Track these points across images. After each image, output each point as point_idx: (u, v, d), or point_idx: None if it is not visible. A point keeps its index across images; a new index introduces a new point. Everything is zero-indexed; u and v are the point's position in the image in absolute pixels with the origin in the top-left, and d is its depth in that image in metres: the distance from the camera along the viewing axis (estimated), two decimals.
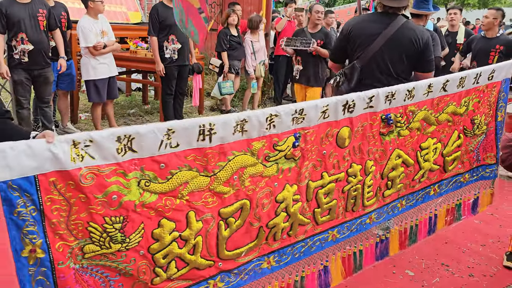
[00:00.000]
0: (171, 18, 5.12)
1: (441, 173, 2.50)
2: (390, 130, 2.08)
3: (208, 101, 7.28)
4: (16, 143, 1.22)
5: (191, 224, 1.54)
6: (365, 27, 2.78)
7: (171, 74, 5.29)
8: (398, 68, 2.75)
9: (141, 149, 1.39)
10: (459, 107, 2.40)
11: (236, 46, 6.48)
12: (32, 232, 1.26)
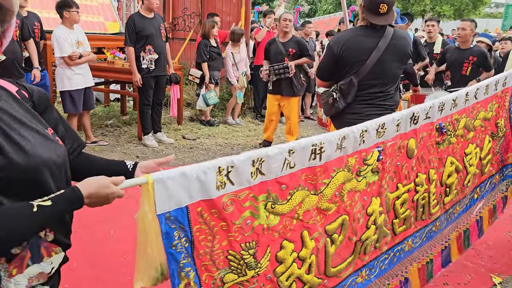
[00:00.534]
0: (148, 28, 5.11)
1: (480, 177, 2.60)
2: (444, 139, 2.18)
3: (188, 111, 7.24)
4: (172, 172, 1.17)
5: (306, 243, 1.53)
6: (358, 42, 2.78)
7: (148, 85, 5.25)
8: (395, 76, 2.85)
9: (269, 171, 1.38)
10: (487, 113, 2.56)
11: (216, 56, 6.48)
12: (187, 265, 1.21)
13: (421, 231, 2.13)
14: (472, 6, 25.97)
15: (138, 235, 1.17)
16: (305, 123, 7.64)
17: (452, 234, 2.44)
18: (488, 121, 2.56)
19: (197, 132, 6.35)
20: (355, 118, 2.79)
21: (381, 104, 2.84)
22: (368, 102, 2.83)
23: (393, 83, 2.87)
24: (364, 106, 2.84)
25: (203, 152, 5.44)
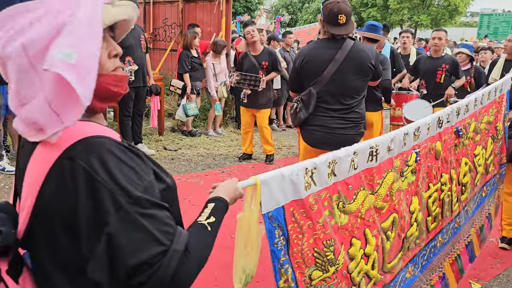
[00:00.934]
0: (128, 40, 5.08)
1: (485, 176, 2.78)
2: (460, 141, 2.35)
3: (169, 122, 7.20)
4: (273, 174, 1.27)
5: (369, 240, 1.63)
6: (317, 54, 2.87)
7: (128, 96, 5.21)
8: (356, 87, 2.88)
9: (339, 172, 1.50)
10: (489, 117, 2.76)
11: (197, 67, 6.48)
12: (285, 262, 1.29)
13: (446, 227, 2.28)
14: (449, 16, 26.63)
15: (238, 235, 1.22)
16: (286, 132, 7.68)
17: (471, 230, 2.61)
18: (490, 125, 2.77)
19: (179, 142, 6.31)
20: (319, 130, 2.91)
21: (344, 117, 2.90)
22: (331, 114, 2.89)
23: (356, 96, 2.89)
24: (328, 118, 2.90)
25: (184, 163, 5.41)
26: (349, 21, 2.82)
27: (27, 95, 0.81)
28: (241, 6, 24.43)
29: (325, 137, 2.91)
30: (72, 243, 0.85)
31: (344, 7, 2.77)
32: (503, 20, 24.56)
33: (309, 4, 28.76)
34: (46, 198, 0.85)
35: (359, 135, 2.98)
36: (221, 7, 7.38)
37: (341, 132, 2.89)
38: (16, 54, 0.79)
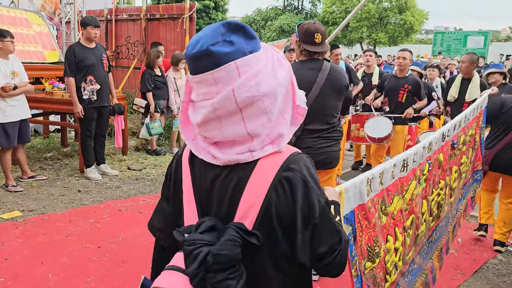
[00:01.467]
0: (90, 58, 5.00)
1: (465, 179, 3.16)
2: (454, 152, 2.72)
3: (133, 141, 7.08)
4: (350, 183, 1.58)
5: (398, 237, 1.94)
6: (300, 75, 2.90)
7: (90, 116, 5.09)
8: (336, 106, 3.00)
9: (385, 181, 1.82)
10: (472, 130, 3.13)
11: (161, 85, 6.44)
12: (354, 255, 1.59)
13: (439, 225, 2.65)
14: (405, 34, 27.78)
15: None
16: None
17: (449, 227, 2.96)
18: (472, 137, 3.16)
19: (143, 162, 6.21)
20: (307, 152, 2.90)
21: (327, 136, 2.98)
22: (316, 135, 2.96)
23: (335, 115, 3.01)
24: (313, 139, 2.96)
25: (149, 183, 5.31)
26: (324, 41, 2.93)
27: (275, 120, 1.08)
28: (205, 23, 24.55)
29: (314, 158, 2.96)
30: (287, 236, 1.08)
31: (319, 27, 2.89)
32: (455, 37, 25.89)
33: (272, 22, 29.26)
34: (270, 202, 1.05)
35: (338, 151, 3.09)
36: (184, 25, 7.40)
37: (324, 150, 2.98)
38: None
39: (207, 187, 1.12)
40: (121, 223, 4.06)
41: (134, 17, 8.28)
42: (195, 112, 1.09)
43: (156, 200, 4.63)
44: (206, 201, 1.13)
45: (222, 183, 1.10)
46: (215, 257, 0.98)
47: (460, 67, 5.13)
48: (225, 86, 1.01)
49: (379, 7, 27.19)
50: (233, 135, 1.05)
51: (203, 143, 1.11)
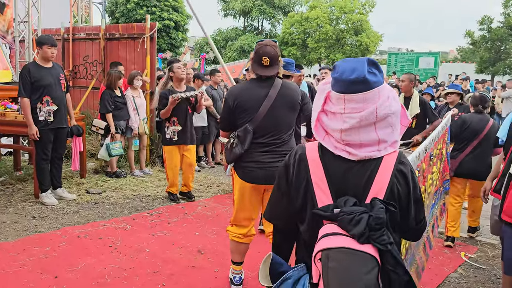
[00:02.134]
0: (46, 78, 4.82)
1: (435, 187, 3.49)
2: (430, 163, 3.07)
3: (92, 163, 6.83)
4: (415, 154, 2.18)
5: None
6: (250, 93, 3.00)
7: (46, 138, 4.88)
8: (286, 123, 3.03)
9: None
10: (440, 144, 3.49)
11: (121, 106, 6.30)
12: None
13: None
14: (361, 54, 28.76)
15: None
16: (215, 169, 7.64)
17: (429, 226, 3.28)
18: (440, 150, 3.55)
19: (103, 185, 5.99)
20: (255, 166, 3.01)
21: (277, 151, 3.01)
22: (265, 149, 3.00)
23: (287, 131, 3.07)
24: (262, 153, 3.00)
25: (109, 207, 5.12)
26: (274, 64, 2.96)
27: (392, 128, 1.50)
28: (165, 43, 24.45)
29: (259, 172, 3.01)
30: (400, 208, 1.47)
31: (269, 51, 2.93)
32: (408, 58, 27.07)
33: (232, 42, 29.53)
34: (392, 184, 1.45)
35: None
36: (145, 45, 7.31)
37: (273, 165, 2.98)
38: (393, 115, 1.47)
39: (341, 176, 1.48)
40: (80, 250, 3.87)
41: (92, 36, 8.11)
42: (338, 120, 1.46)
43: (117, 224, 4.49)
44: (339, 185, 1.47)
45: (357, 172, 1.47)
46: (375, 219, 1.33)
47: (400, 86, 5.38)
48: (370, 104, 1.42)
49: (336, 28, 28.08)
50: (366, 139, 1.45)
51: (337, 143, 1.48)
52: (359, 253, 1.31)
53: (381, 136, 1.46)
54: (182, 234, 4.39)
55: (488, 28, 28.37)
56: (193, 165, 5.52)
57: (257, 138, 2.98)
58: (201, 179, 6.70)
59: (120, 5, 25.06)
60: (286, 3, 30.22)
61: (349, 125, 1.43)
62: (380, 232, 1.33)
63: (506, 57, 27.92)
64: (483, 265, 3.98)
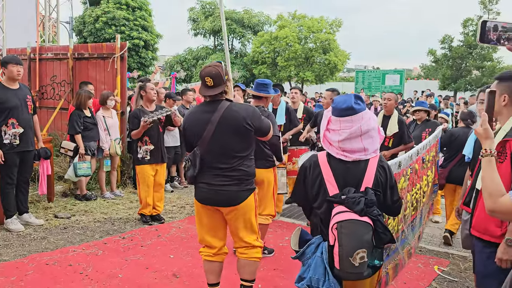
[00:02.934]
0: (12, 100, 4.67)
1: (430, 189, 4.08)
2: (423, 165, 3.60)
3: (60, 186, 6.61)
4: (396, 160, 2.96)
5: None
6: (196, 117, 3.05)
7: (12, 162, 4.69)
8: (232, 148, 2.98)
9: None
10: (433, 152, 4.02)
11: (91, 126, 6.16)
12: None
13: (417, 217, 3.56)
14: (329, 72, 29.38)
15: None
16: (189, 189, 7.52)
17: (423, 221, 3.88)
18: (433, 157, 4.05)
19: (72, 208, 5.79)
20: (206, 187, 3.03)
21: (227, 175, 2.98)
22: (216, 173, 2.99)
23: (236, 155, 2.97)
24: (213, 176, 3.00)
25: (79, 232, 4.94)
26: (219, 83, 2.96)
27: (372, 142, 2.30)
28: (135, 62, 24.26)
29: (209, 193, 3.01)
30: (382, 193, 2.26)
31: (210, 70, 2.96)
32: (375, 76, 27.89)
33: (203, 61, 29.60)
34: (376, 177, 2.23)
35: (246, 191, 3.04)
36: (115, 65, 7.23)
37: (224, 189, 2.97)
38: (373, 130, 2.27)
39: (342, 173, 2.27)
40: (49, 279, 3.70)
41: (60, 56, 7.95)
42: (336, 135, 2.28)
43: (88, 249, 4.33)
44: (342, 180, 2.26)
45: (353, 170, 2.27)
46: (370, 201, 2.12)
47: (385, 105, 5.47)
48: (356, 123, 2.24)
49: (305, 47, 28.65)
50: (356, 147, 2.25)
51: (337, 150, 2.28)
52: (361, 222, 2.10)
53: (366, 145, 2.26)
54: (156, 257, 4.28)
55: (449, 47, 29.64)
56: (163, 185, 5.48)
57: (206, 161, 2.99)
58: (175, 200, 6.59)
59: (88, 24, 24.79)
60: (256, 22, 30.67)
61: (343, 137, 2.25)
62: (372, 208, 2.14)
63: (467, 74, 29.17)
64: (456, 278, 4.06)
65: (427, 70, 33.52)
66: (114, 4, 24.63)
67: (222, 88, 2.98)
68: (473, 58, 28.81)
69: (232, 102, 3.05)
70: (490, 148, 1.79)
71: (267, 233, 4.72)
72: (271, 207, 4.23)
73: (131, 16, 24.68)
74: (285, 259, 4.35)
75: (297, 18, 30.13)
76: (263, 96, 4.30)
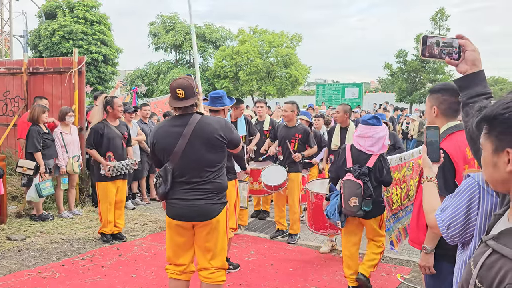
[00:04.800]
0: None
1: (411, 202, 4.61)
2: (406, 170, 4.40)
3: (14, 206, 6.29)
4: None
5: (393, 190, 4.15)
6: (167, 131, 2.99)
7: None
8: (206, 161, 2.94)
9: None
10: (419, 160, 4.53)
11: (50, 143, 5.94)
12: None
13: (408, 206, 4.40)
14: (291, 86, 29.87)
15: None
16: (151, 205, 7.37)
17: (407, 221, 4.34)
18: (418, 165, 4.58)
19: (27, 230, 5.51)
20: (179, 203, 2.98)
21: (201, 188, 2.95)
22: (188, 187, 2.95)
23: (210, 168, 2.96)
24: (186, 191, 2.95)
25: (34, 254, 4.70)
26: (190, 95, 2.95)
27: None
28: (94, 76, 23.73)
29: (183, 209, 2.95)
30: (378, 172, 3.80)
31: (181, 82, 2.95)
32: (335, 89, 28.55)
33: (164, 75, 29.34)
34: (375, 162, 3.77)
35: (220, 204, 3.02)
36: (73, 80, 7.02)
37: (197, 203, 2.93)
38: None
39: (356, 157, 3.78)
40: None
41: (13, 70, 7.63)
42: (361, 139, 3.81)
43: (44, 273, 4.13)
44: (355, 160, 3.76)
45: (363, 156, 3.76)
46: (362, 172, 3.65)
47: (335, 117, 5.58)
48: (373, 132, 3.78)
49: (266, 61, 29.04)
50: (370, 145, 3.77)
51: (358, 145, 3.81)
52: (355, 182, 3.62)
53: (375, 146, 3.74)
54: (118, 278, 4.13)
55: (404, 61, 30.90)
56: (123, 201, 5.42)
57: (177, 177, 2.94)
58: (136, 217, 6.42)
59: (44, 38, 24.08)
60: (217, 37, 30.82)
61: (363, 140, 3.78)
62: (363, 176, 3.63)
63: (421, 87, 30.46)
64: (418, 285, 4.16)
65: (384, 83, 34.74)
66: (72, 18, 24.10)
67: (193, 100, 2.96)
68: (426, 71, 30.17)
69: (203, 115, 3.03)
70: (427, 175, 2.00)
71: (232, 247, 4.67)
72: (232, 220, 4.21)
73: (90, 30, 24.22)
74: (251, 273, 4.31)
75: (258, 33, 30.57)
76: (220, 109, 4.26)
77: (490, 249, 1.07)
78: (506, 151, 1.11)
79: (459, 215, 1.66)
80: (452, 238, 1.68)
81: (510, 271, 0.97)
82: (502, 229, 1.11)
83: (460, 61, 1.63)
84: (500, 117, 1.11)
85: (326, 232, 4.75)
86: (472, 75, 1.61)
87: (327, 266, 4.56)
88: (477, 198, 1.64)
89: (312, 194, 4.76)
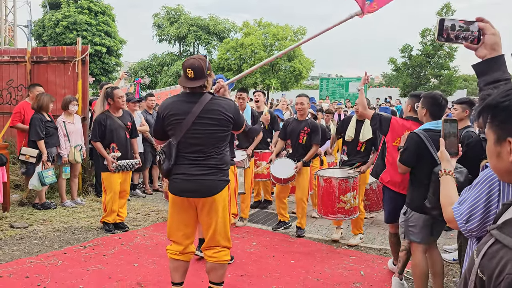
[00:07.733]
0: None
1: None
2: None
3: (16, 194, 6.31)
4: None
5: None
6: (178, 107, 3.00)
7: None
8: (213, 138, 2.98)
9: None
10: None
11: (53, 131, 5.94)
12: None
13: None
14: (294, 80, 29.75)
15: None
16: (153, 196, 7.37)
17: None
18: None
19: (29, 218, 5.53)
20: (182, 178, 3.00)
21: (205, 164, 2.98)
22: (192, 163, 2.98)
23: (215, 145, 3.01)
24: (189, 166, 2.98)
25: (37, 242, 4.71)
26: (200, 76, 2.97)
27: None
28: (97, 67, 23.70)
29: (187, 184, 2.97)
30: None
31: (193, 62, 2.97)
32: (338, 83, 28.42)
33: (168, 67, 29.27)
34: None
35: (222, 182, 3.03)
36: (76, 69, 7.00)
37: (201, 178, 2.96)
38: None
39: None
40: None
41: (17, 59, 7.63)
42: None
43: (46, 260, 4.13)
44: None
45: None
46: None
47: (356, 110, 5.51)
48: None
49: (270, 55, 28.94)
50: None
51: None
52: None
53: None
54: (119, 266, 4.13)
55: (408, 56, 30.68)
56: (128, 191, 5.44)
57: (182, 152, 2.97)
58: (139, 207, 6.43)
59: (48, 28, 24.03)
60: (221, 29, 30.69)
61: None
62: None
63: (426, 82, 30.27)
64: None
65: (388, 78, 34.53)
66: (76, 8, 24.03)
67: (202, 81, 2.99)
68: (431, 66, 29.95)
69: (214, 95, 3.07)
70: (445, 168, 1.96)
71: (234, 239, 4.67)
72: (233, 205, 4.26)
73: (94, 21, 24.14)
74: (253, 265, 4.31)
75: (263, 26, 30.39)
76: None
77: (493, 238, 1.05)
78: (507, 140, 1.07)
79: (478, 208, 1.60)
80: (470, 232, 1.62)
81: (511, 261, 0.95)
82: (506, 219, 1.09)
83: (480, 45, 1.54)
84: (500, 105, 1.07)
85: (335, 216, 4.84)
86: (490, 60, 1.53)
87: (329, 259, 4.55)
88: (497, 190, 1.58)
89: (322, 178, 4.89)
